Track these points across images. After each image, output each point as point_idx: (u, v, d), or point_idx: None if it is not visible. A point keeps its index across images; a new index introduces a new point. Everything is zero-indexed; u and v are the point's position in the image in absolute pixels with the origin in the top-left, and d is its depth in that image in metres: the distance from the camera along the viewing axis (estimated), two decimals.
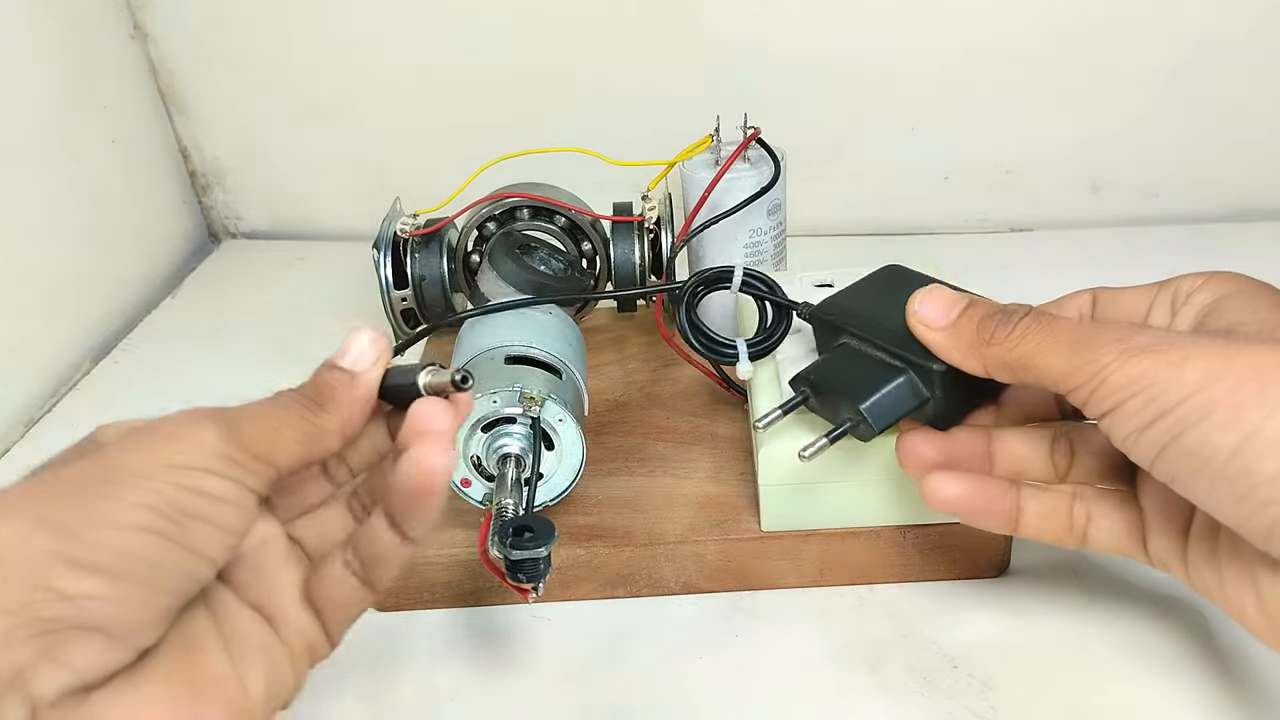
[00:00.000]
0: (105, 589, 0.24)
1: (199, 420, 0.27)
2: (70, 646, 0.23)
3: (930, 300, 0.36)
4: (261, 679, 0.28)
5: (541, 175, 0.55)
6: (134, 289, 0.72)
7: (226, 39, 0.73)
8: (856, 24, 0.69)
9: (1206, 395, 0.28)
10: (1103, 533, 0.36)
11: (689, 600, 0.44)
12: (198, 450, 0.26)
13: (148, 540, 0.25)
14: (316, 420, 0.30)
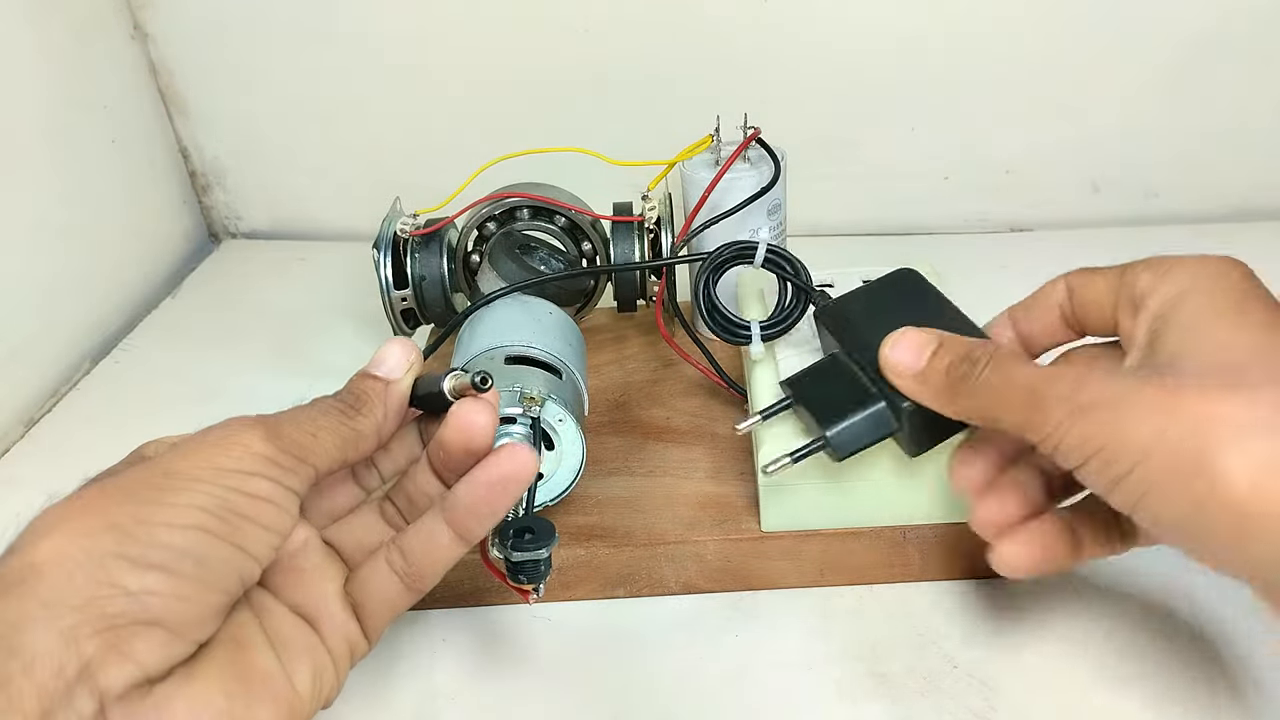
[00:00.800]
0: (164, 584, 0.25)
1: (244, 427, 0.29)
2: (134, 640, 0.25)
3: (901, 345, 0.35)
4: (308, 677, 0.30)
5: (541, 175, 0.55)
6: (134, 289, 0.72)
7: (226, 39, 0.73)
8: (857, 24, 0.69)
9: (1155, 463, 0.27)
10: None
11: (689, 600, 0.44)
12: (245, 454, 0.28)
13: (201, 538, 0.26)
14: (352, 424, 0.32)
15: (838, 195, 0.75)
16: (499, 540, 0.36)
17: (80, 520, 0.26)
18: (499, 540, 0.36)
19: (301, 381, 0.62)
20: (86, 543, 0.25)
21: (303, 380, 0.62)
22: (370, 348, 0.65)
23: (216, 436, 0.29)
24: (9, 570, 0.25)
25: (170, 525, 0.26)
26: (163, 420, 0.59)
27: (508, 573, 0.36)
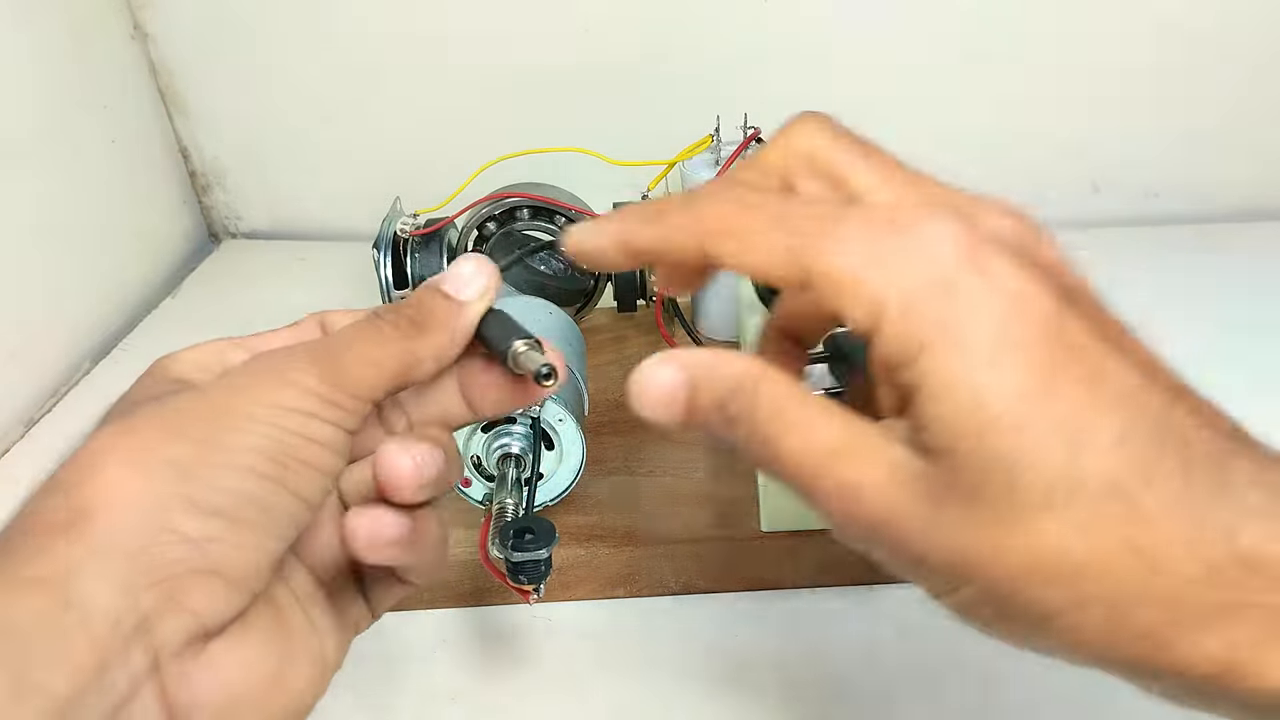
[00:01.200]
0: (224, 531, 0.23)
1: (299, 361, 0.26)
2: (193, 591, 0.23)
3: (649, 398, 0.25)
4: (331, 639, 0.28)
5: (541, 175, 0.55)
6: (134, 289, 0.72)
7: (226, 39, 0.73)
8: (856, 24, 0.69)
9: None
10: None
11: (689, 600, 0.44)
12: (304, 393, 0.26)
13: (260, 483, 0.24)
14: (413, 346, 0.28)
15: None
16: (499, 541, 0.36)
17: (136, 455, 0.23)
18: (499, 541, 0.36)
19: None
20: (142, 483, 0.23)
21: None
22: None
23: (273, 369, 0.26)
24: (59, 508, 0.23)
25: (231, 467, 0.24)
26: None
27: (508, 573, 0.36)
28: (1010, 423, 0.21)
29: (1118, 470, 0.21)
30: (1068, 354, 0.22)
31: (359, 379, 0.27)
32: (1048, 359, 0.21)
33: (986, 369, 0.21)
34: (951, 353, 0.21)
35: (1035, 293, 0.22)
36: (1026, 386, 0.21)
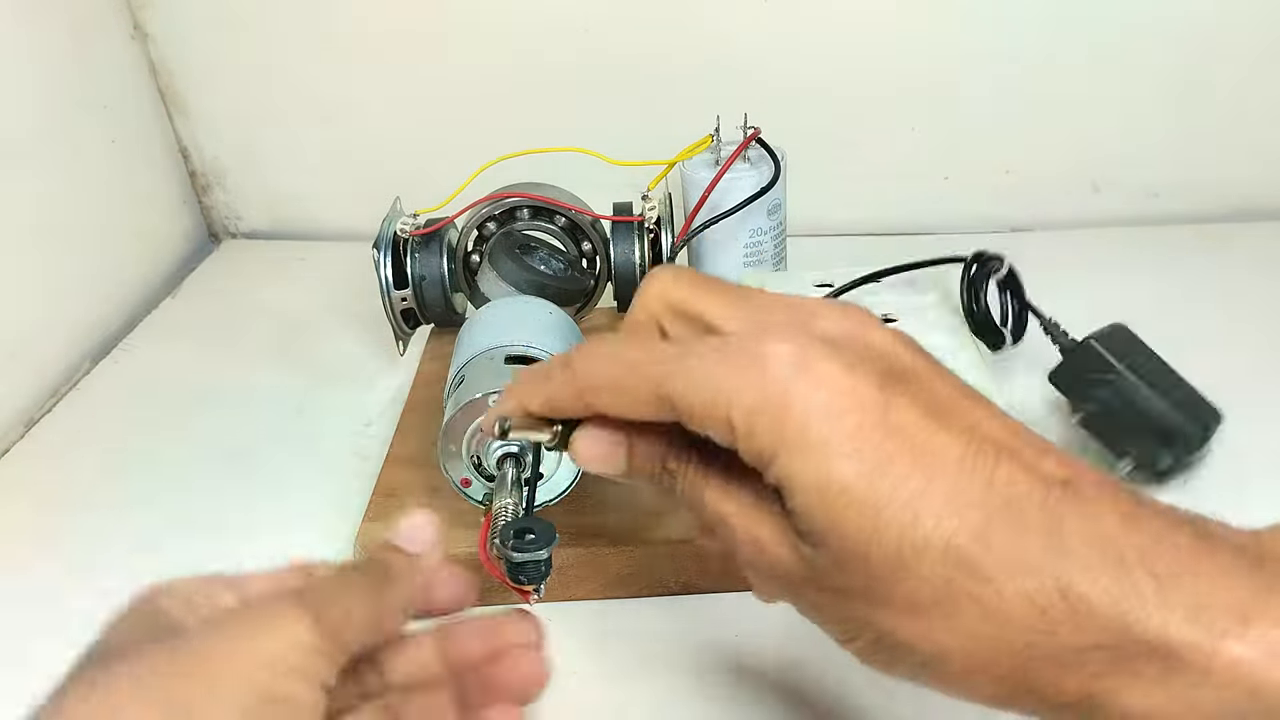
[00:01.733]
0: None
1: (288, 612, 0.27)
2: None
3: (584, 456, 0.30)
4: None
5: (541, 175, 0.55)
6: (134, 289, 0.72)
7: (226, 39, 0.73)
8: (856, 24, 0.69)
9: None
10: None
11: (689, 600, 0.44)
12: (291, 646, 0.26)
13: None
14: (381, 601, 0.30)
15: (838, 195, 0.75)
16: (500, 541, 0.35)
17: (130, 714, 0.24)
18: (500, 541, 0.35)
19: (301, 382, 0.62)
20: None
21: (302, 380, 0.62)
22: (370, 348, 0.66)
23: (259, 620, 0.26)
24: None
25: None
26: (163, 420, 0.60)
27: (508, 573, 0.36)
28: (852, 505, 0.24)
29: (954, 536, 0.23)
30: (894, 433, 0.24)
31: (339, 625, 0.27)
32: (878, 442, 0.24)
33: (827, 463, 0.24)
34: (795, 455, 0.25)
35: (860, 386, 0.25)
36: (861, 471, 0.24)
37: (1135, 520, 0.23)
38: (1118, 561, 0.22)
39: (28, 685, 0.30)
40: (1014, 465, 0.24)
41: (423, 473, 0.48)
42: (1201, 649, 0.21)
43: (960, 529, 0.23)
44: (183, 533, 0.50)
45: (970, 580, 0.23)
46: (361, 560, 0.31)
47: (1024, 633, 0.23)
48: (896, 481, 0.24)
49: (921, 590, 0.24)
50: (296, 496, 0.52)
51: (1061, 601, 0.22)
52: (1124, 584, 0.22)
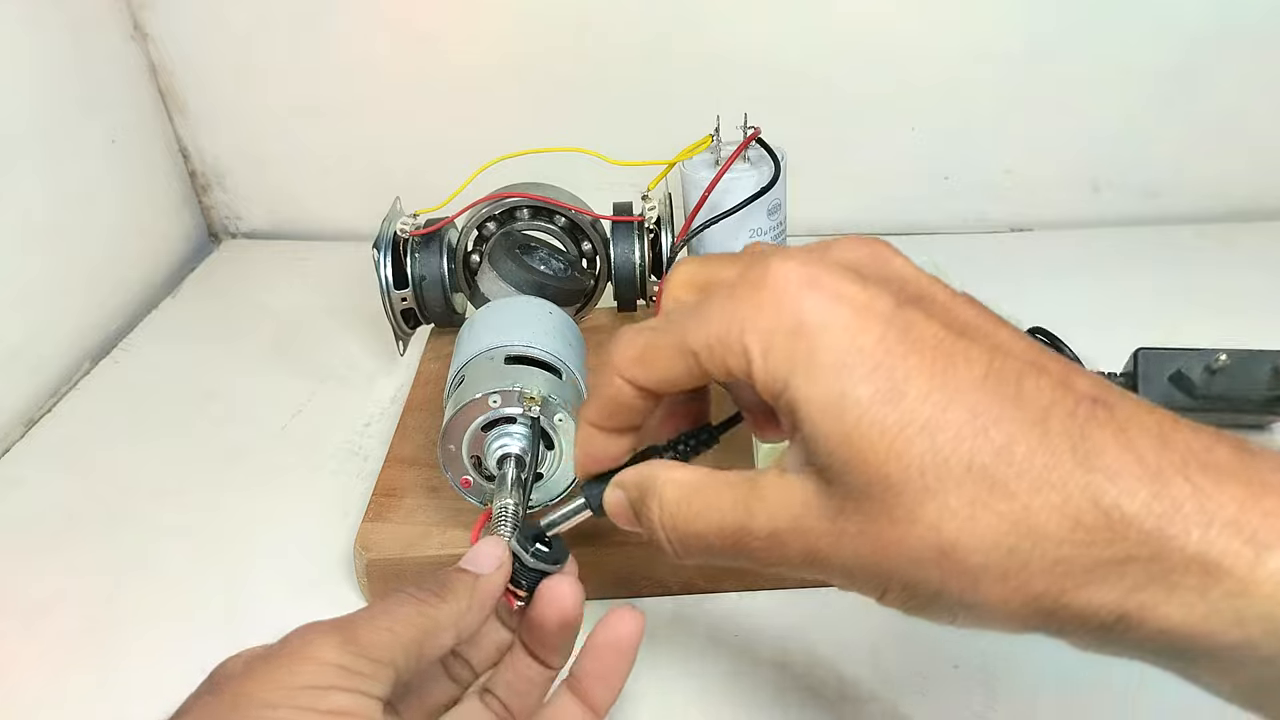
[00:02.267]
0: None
1: (317, 636, 0.27)
2: None
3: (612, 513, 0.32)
4: None
5: (541, 175, 0.55)
6: (134, 289, 0.72)
7: (226, 39, 0.73)
8: (857, 24, 0.69)
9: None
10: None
11: (689, 600, 0.44)
12: (318, 668, 0.26)
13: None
14: (432, 611, 0.30)
15: (838, 195, 0.75)
16: (521, 536, 0.35)
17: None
18: (521, 536, 0.35)
19: (301, 382, 0.62)
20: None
21: (302, 380, 0.62)
22: (370, 348, 0.66)
23: (288, 651, 0.27)
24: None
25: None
26: (163, 420, 0.60)
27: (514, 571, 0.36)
28: (871, 425, 0.23)
29: (976, 454, 0.22)
30: (914, 349, 0.24)
31: (374, 643, 0.28)
32: (896, 358, 0.23)
33: (841, 382, 0.23)
34: (809, 377, 0.24)
35: (874, 299, 0.24)
36: (879, 389, 0.23)
37: (1172, 434, 0.22)
38: (1155, 474, 0.22)
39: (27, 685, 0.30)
40: (1042, 379, 0.23)
41: (423, 473, 0.48)
42: (1243, 559, 0.20)
43: (983, 446, 0.22)
44: (183, 533, 0.50)
45: (995, 497, 0.22)
46: (426, 578, 0.32)
47: (1056, 545, 0.22)
48: (916, 400, 0.23)
49: (946, 511, 0.23)
50: (296, 496, 0.52)
51: (1095, 512, 0.22)
52: (1162, 495, 0.21)
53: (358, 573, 0.45)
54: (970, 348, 0.24)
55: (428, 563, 0.43)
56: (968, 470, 0.22)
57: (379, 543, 0.44)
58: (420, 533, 0.45)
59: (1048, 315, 0.50)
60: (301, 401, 0.60)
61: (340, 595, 0.46)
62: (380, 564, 0.44)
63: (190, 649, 0.44)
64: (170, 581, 0.48)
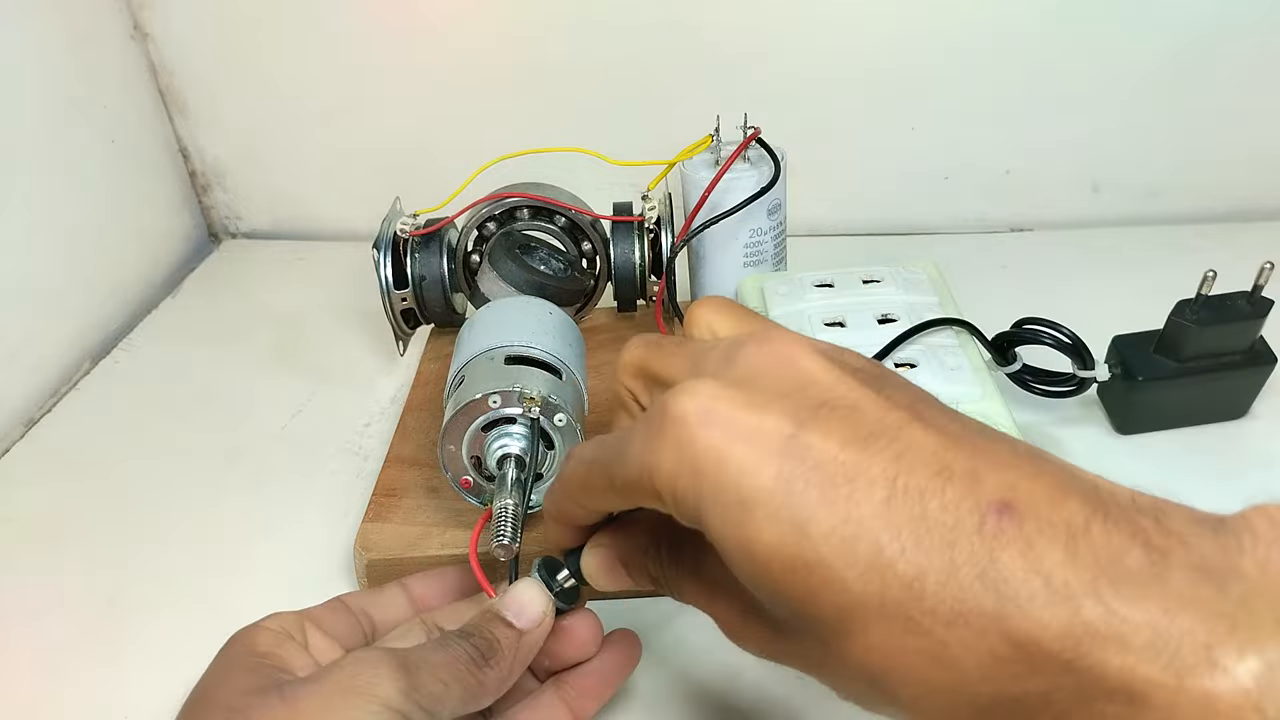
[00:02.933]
0: None
1: (378, 672, 0.28)
2: None
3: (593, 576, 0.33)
4: None
5: (541, 175, 0.55)
6: (134, 289, 0.72)
7: (226, 39, 0.73)
8: (856, 24, 0.69)
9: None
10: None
11: None
12: (380, 710, 0.27)
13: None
14: (480, 676, 0.31)
15: (838, 195, 0.75)
16: (545, 567, 0.35)
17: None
18: (545, 567, 0.35)
19: (301, 382, 0.62)
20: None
21: (302, 380, 0.62)
22: (370, 348, 0.66)
23: (349, 682, 0.28)
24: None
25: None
26: (163, 420, 0.60)
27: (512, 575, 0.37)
28: (782, 569, 0.23)
29: (887, 590, 0.22)
30: (813, 481, 0.23)
31: (430, 694, 0.29)
32: (796, 494, 0.23)
33: (744, 527, 0.23)
34: (717, 518, 0.24)
35: (773, 428, 0.23)
36: (782, 532, 0.23)
37: (1082, 540, 0.21)
38: (1064, 597, 0.20)
39: (27, 685, 0.30)
40: (947, 492, 0.22)
41: (423, 473, 0.48)
42: (1165, 687, 0.19)
43: (892, 582, 0.22)
44: (183, 533, 0.51)
45: (910, 634, 0.22)
46: (470, 627, 0.32)
47: (979, 680, 0.21)
48: (820, 540, 0.22)
49: (868, 646, 0.22)
50: (296, 496, 0.52)
51: (1009, 646, 0.21)
52: (1074, 621, 0.20)
53: (358, 573, 0.45)
54: (872, 465, 0.23)
55: (428, 563, 0.43)
56: (881, 607, 0.22)
57: (379, 543, 0.44)
58: (420, 533, 0.45)
59: (1048, 315, 0.50)
60: (301, 401, 0.60)
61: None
62: (380, 564, 0.44)
63: (190, 649, 0.44)
64: (170, 581, 0.48)
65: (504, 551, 0.37)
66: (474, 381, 0.42)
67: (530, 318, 0.47)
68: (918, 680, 0.22)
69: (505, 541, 0.37)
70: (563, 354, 0.45)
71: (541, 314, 0.48)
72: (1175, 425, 0.50)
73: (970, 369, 0.42)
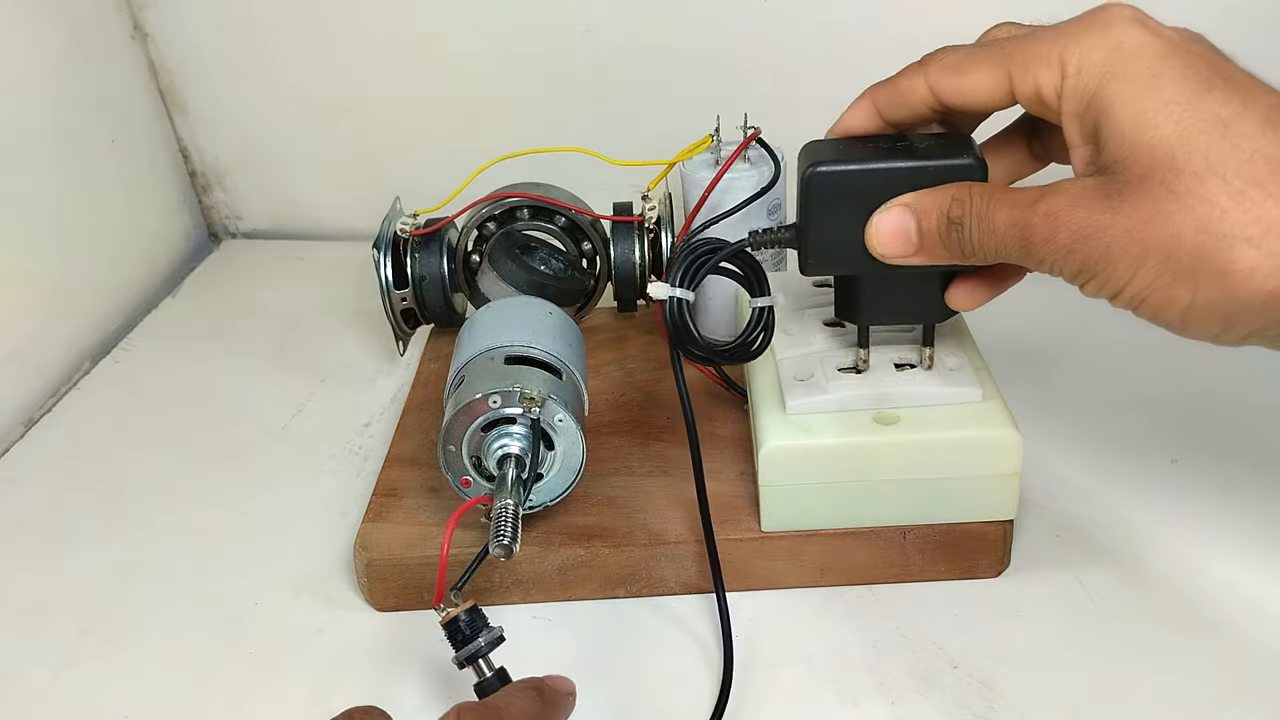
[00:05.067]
0: None
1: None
2: None
3: (884, 237, 0.36)
4: None
5: (541, 175, 0.55)
6: (134, 289, 0.72)
7: (226, 39, 0.73)
8: (857, 23, 0.68)
9: (1147, 277, 0.29)
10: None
11: (689, 600, 0.44)
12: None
13: None
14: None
15: None
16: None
17: None
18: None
19: (301, 382, 0.62)
20: None
21: (302, 380, 0.62)
22: (370, 348, 0.66)
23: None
24: None
25: None
26: (163, 420, 0.60)
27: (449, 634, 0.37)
28: (1169, 118, 0.28)
29: (1263, 147, 0.27)
30: (1221, 77, 0.29)
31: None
32: (1202, 77, 0.29)
33: (1150, 86, 0.29)
34: (1124, 80, 0.29)
35: (1192, 42, 0.30)
36: (1183, 93, 0.28)
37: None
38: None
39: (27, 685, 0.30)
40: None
41: (423, 473, 0.48)
42: None
43: (1271, 142, 0.27)
44: (182, 533, 0.51)
45: (1273, 179, 0.27)
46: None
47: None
48: (1216, 104, 0.28)
49: (1223, 187, 0.27)
50: (296, 496, 0.52)
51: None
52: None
53: (358, 573, 0.45)
54: (1269, 91, 0.29)
55: (428, 563, 0.43)
56: (1249, 158, 0.27)
57: (379, 543, 0.44)
58: (420, 533, 0.45)
59: (1047, 315, 0.50)
60: (301, 401, 0.60)
61: (340, 595, 0.46)
62: (380, 564, 0.44)
63: (190, 649, 0.44)
64: (170, 581, 0.48)
65: (504, 552, 0.37)
66: (474, 381, 0.42)
67: (530, 318, 0.47)
68: (1255, 220, 0.27)
69: (505, 542, 0.37)
70: (563, 354, 0.45)
71: (541, 314, 0.48)
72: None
73: (970, 369, 0.42)
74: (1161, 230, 0.28)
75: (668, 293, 0.39)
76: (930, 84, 0.35)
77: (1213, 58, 0.30)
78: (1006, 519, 0.42)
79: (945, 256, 0.35)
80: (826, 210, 0.37)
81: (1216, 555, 0.43)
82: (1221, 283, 0.28)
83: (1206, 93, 0.28)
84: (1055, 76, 0.31)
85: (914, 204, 0.35)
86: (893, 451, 0.40)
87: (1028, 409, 0.43)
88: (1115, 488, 0.47)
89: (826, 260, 0.39)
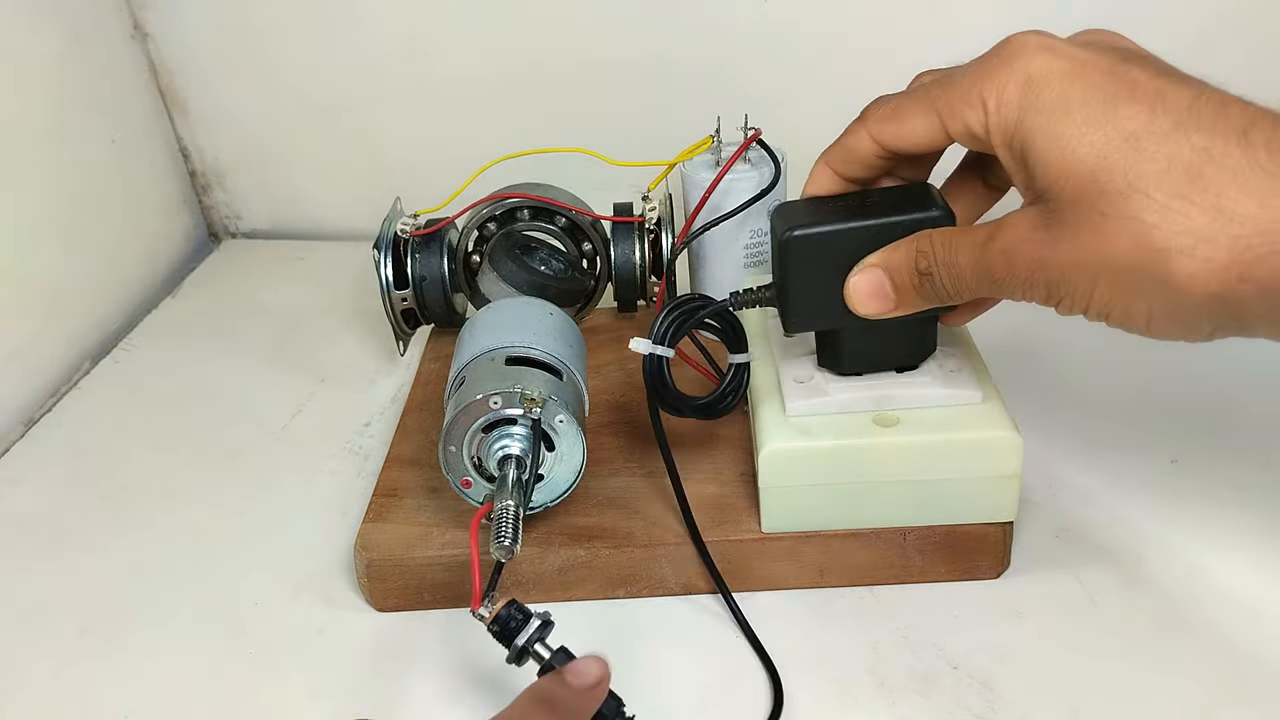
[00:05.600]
0: None
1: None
2: None
3: (864, 295, 0.37)
4: None
5: (541, 175, 0.55)
6: (134, 289, 0.72)
7: (226, 39, 0.73)
8: (857, 23, 0.69)
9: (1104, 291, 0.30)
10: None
11: (689, 601, 0.44)
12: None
13: None
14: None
15: None
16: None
17: None
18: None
19: (301, 382, 0.62)
20: None
21: (302, 380, 0.62)
22: (370, 348, 0.66)
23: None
24: None
25: None
26: (163, 420, 0.60)
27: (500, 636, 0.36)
28: (1082, 142, 0.29)
29: (1177, 154, 0.28)
30: (1126, 88, 0.29)
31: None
32: (1109, 93, 0.29)
33: (1060, 115, 0.30)
34: (1035, 113, 0.30)
35: (1097, 58, 0.31)
36: (1091, 115, 0.29)
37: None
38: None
39: (27, 685, 0.30)
40: (1247, 108, 0.29)
41: (423, 473, 0.48)
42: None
43: (1184, 149, 0.28)
44: (182, 532, 0.51)
45: (1192, 188, 0.27)
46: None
47: (1241, 224, 0.27)
48: (1125, 119, 0.28)
49: (1147, 202, 0.28)
50: (296, 496, 0.52)
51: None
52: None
53: (358, 573, 0.45)
54: (1181, 87, 0.29)
55: (428, 563, 0.43)
56: (1167, 169, 0.27)
57: (379, 543, 0.44)
58: (421, 533, 0.45)
59: (1047, 315, 0.50)
60: (301, 401, 0.60)
61: (340, 595, 0.46)
62: (380, 564, 0.44)
63: (190, 649, 0.44)
64: (170, 581, 0.48)
65: (504, 553, 0.37)
66: (475, 382, 0.42)
67: (531, 318, 0.47)
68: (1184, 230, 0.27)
69: (505, 543, 0.37)
70: (563, 354, 0.45)
71: (542, 315, 0.48)
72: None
73: (970, 371, 0.42)
74: (1101, 252, 0.29)
75: (648, 349, 0.42)
76: (872, 135, 0.37)
77: (1118, 68, 0.30)
78: (1006, 520, 0.42)
79: (925, 304, 0.36)
80: (806, 272, 0.39)
81: (1216, 555, 0.43)
82: (1167, 292, 0.28)
83: (1114, 109, 0.29)
84: (980, 115, 0.33)
85: (882, 262, 0.37)
86: (893, 453, 0.41)
87: (1027, 410, 0.43)
88: (1115, 488, 0.48)
89: (810, 318, 0.40)
